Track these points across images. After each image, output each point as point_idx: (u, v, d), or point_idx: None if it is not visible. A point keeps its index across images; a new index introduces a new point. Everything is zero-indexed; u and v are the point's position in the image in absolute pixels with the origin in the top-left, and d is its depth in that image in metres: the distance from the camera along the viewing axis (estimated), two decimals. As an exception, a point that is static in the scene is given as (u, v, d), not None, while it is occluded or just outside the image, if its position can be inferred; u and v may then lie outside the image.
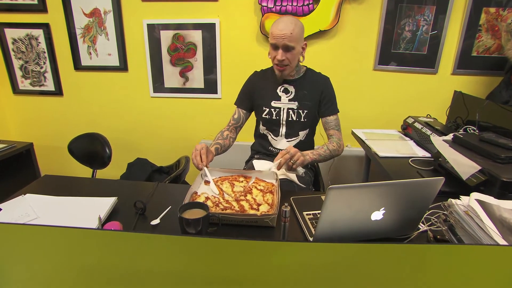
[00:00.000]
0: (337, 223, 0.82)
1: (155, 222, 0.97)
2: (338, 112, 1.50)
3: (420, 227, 0.92)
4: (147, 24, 2.14)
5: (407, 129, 1.80)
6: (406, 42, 2.02)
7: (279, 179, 1.25)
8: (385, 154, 1.49)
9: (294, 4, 1.95)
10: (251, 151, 1.65)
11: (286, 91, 1.46)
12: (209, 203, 1.05)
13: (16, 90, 2.46)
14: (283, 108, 1.45)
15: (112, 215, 1.01)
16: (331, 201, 0.75)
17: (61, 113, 2.49)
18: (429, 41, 2.01)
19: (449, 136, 1.36)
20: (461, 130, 1.61)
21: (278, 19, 1.32)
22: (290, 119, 1.45)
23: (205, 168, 1.22)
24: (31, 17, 2.25)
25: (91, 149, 1.99)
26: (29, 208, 0.99)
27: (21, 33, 2.30)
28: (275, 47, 1.32)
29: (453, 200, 0.83)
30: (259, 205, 1.04)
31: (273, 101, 1.46)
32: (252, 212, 1.00)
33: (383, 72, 2.10)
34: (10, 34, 2.31)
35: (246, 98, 1.53)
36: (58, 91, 2.41)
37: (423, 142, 1.62)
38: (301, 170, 1.37)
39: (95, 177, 2.04)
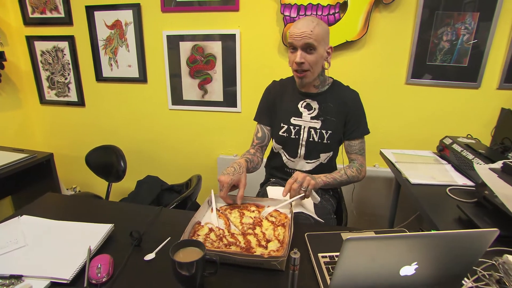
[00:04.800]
0: (357, 278, 0.66)
1: (150, 257, 0.87)
2: (368, 133, 1.31)
3: (463, 283, 0.74)
4: (167, 35, 2.10)
5: (444, 151, 1.59)
6: (443, 53, 1.82)
7: (294, 212, 1.10)
8: (418, 181, 1.30)
9: (319, 13, 1.82)
10: (266, 172, 1.51)
11: (308, 107, 1.28)
12: (212, 235, 0.93)
13: (43, 100, 2.51)
14: (304, 127, 1.28)
15: (106, 245, 0.92)
16: (349, 255, 0.60)
17: (82, 124, 2.51)
18: (470, 51, 1.79)
19: (498, 164, 1.15)
20: (510, 155, 1.39)
21: (297, 20, 1.16)
22: (311, 139, 1.28)
23: (212, 193, 1.11)
24: (58, 30, 2.29)
25: (106, 161, 1.96)
26: (20, 233, 0.93)
27: (49, 45, 2.35)
28: (293, 48, 1.15)
29: (511, 257, 0.65)
30: (268, 241, 0.91)
31: (293, 118, 1.29)
32: (259, 249, 0.87)
33: (416, 86, 1.90)
34: (39, 46, 2.37)
35: (267, 112, 1.37)
36: (80, 102, 2.43)
37: (463, 167, 1.41)
38: (317, 198, 1.21)
39: (110, 189, 2.01)
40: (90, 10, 2.16)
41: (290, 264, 0.71)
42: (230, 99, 2.17)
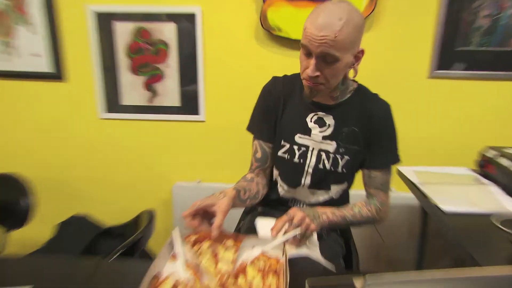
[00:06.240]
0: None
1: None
2: (398, 162, 1.35)
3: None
4: (94, 12, 2.15)
5: (486, 167, 1.74)
6: (481, 34, 1.98)
7: (296, 256, 1.16)
8: (453, 209, 1.42)
9: (310, -16, 1.96)
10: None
11: (321, 122, 1.30)
12: (178, 292, 0.99)
13: None
14: (313, 149, 1.32)
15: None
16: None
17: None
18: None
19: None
20: None
21: (319, 7, 1.11)
22: (320, 166, 1.32)
23: (175, 232, 1.16)
24: None
25: (0, 198, 1.95)
26: None
27: None
28: (307, 52, 1.14)
29: None
30: (256, 295, 0.98)
31: (299, 135, 1.32)
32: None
33: (443, 80, 2.07)
34: None
35: (267, 122, 1.38)
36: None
37: (514, 188, 1.55)
38: (315, 243, 1.27)
39: (6, 242, 1.98)
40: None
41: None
42: (189, 104, 2.25)
